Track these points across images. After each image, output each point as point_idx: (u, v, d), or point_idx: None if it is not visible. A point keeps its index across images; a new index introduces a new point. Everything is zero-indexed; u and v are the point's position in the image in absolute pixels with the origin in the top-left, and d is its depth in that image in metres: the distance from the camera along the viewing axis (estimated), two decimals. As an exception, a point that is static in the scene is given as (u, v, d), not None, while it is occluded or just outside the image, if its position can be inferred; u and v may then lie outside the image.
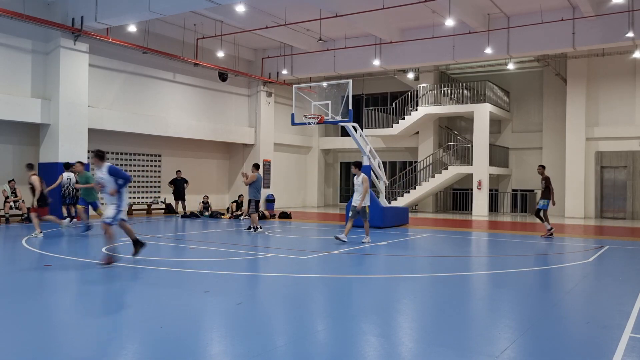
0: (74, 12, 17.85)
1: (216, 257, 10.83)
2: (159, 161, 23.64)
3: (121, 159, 22.05)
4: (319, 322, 6.16)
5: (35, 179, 13.50)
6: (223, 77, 24.62)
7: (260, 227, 15.99)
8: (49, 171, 17.93)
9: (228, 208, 22.11)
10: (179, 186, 21.47)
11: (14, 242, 12.44)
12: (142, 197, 22.84)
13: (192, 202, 21.91)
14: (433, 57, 22.79)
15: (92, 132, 19.17)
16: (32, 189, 13.50)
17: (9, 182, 16.90)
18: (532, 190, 26.35)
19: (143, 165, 22.98)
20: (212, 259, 10.63)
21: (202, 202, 21.88)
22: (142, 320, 6.03)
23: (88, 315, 6.41)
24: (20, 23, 17.08)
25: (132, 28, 19.53)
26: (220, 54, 23.14)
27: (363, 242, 12.99)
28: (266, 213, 21.17)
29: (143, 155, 22.94)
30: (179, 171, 21.83)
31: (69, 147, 18.17)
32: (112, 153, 21.62)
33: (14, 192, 16.82)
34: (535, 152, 26.76)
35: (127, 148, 22.15)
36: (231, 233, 15.64)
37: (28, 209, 15.45)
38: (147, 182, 23.12)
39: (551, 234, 15.33)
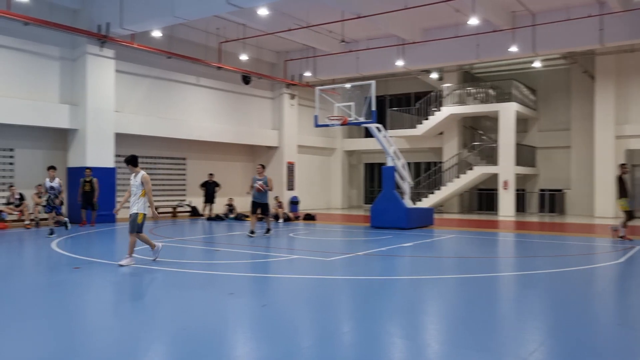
0: (100, 19, 18.14)
1: (241, 260, 10.87)
2: (184, 164, 23.85)
3: (147, 163, 22.28)
4: (344, 324, 6.12)
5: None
6: (246, 80, 24.76)
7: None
8: (78, 175, 18.26)
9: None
10: (210, 189, 21.60)
11: (43, 245, 12.65)
12: (168, 200, 23.06)
13: (217, 205, 22.04)
14: (456, 57, 22.59)
15: (118, 136, 19.44)
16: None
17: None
18: (560, 190, 25.91)
19: (168, 169, 23.21)
20: (237, 261, 10.68)
21: (227, 204, 22.00)
22: (167, 322, 6.07)
23: (115, 317, 6.48)
24: (48, 31, 17.43)
25: (156, 33, 19.76)
26: (243, 57, 23.27)
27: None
28: (290, 215, 21.19)
29: (168, 158, 23.18)
30: (212, 174, 21.96)
31: (96, 151, 18.46)
32: (139, 157, 21.81)
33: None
34: (563, 151, 26.31)
35: (152, 152, 22.41)
36: (256, 235, 15.69)
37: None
38: (172, 185, 23.34)
39: (622, 237, 14.21)
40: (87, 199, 17.53)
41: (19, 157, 18.11)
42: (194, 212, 23.07)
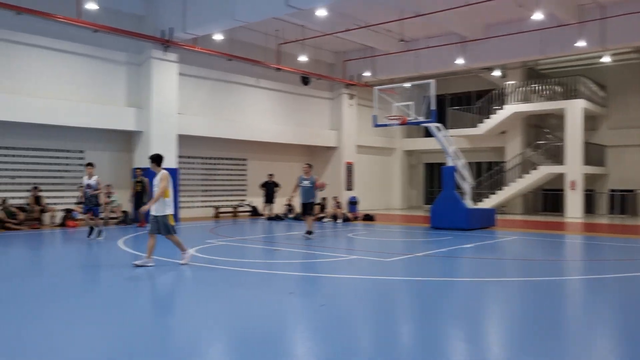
0: (164, 24, 18.68)
1: (300, 259, 10.92)
2: (245, 165, 24.24)
3: (209, 164, 22.81)
4: (404, 326, 6.03)
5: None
6: (305, 80, 24.91)
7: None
8: (143, 176, 18.88)
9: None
10: (270, 189, 21.87)
11: (110, 243, 13.13)
12: (229, 200, 23.50)
13: (276, 205, 22.27)
14: (520, 53, 21.90)
15: (181, 137, 19.96)
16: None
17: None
18: (632, 191, 24.68)
19: (229, 169, 23.65)
20: (296, 260, 10.74)
21: (286, 204, 22.18)
22: (227, 321, 6.16)
23: (175, 315, 6.64)
24: (116, 37, 18.10)
25: (217, 37, 20.17)
26: (302, 58, 23.43)
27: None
28: (349, 215, 21.16)
29: (229, 159, 23.62)
30: (271, 174, 22.23)
31: (160, 152, 18.94)
32: (200, 158, 22.42)
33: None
34: (636, 150, 25.05)
35: (214, 153, 22.90)
36: (315, 235, 15.74)
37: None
38: (233, 185, 23.77)
39: None
40: (138, 199, 17.68)
41: (89, 158, 18.84)
42: (254, 212, 23.41)
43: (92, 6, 16.34)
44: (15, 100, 16.17)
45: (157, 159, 9.86)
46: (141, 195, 17.61)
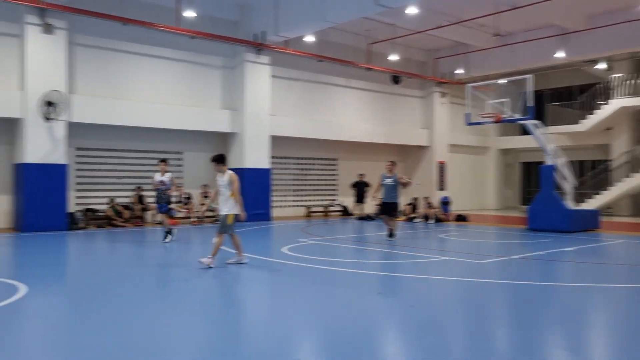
0: (257, 28, 19.19)
1: (389, 259, 10.81)
2: (335, 165, 24.38)
3: (300, 164, 23.16)
4: (498, 331, 5.80)
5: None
6: (396, 80, 24.66)
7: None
8: (239, 176, 19.49)
9: (403, 210, 22.06)
10: (360, 189, 21.89)
11: (207, 240, 13.64)
12: (320, 200, 23.75)
13: (367, 205, 22.21)
14: (628, 44, 20.45)
15: (273, 138, 20.41)
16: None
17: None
18: None
19: (320, 170, 23.90)
20: (386, 261, 10.64)
21: (377, 204, 22.06)
22: (316, 319, 6.20)
23: (264, 312, 6.76)
24: (211, 42, 18.83)
25: (308, 38, 20.44)
26: (393, 57, 23.21)
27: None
28: (441, 216, 20.70)
29: (320, 159, 23.87)
30: (362, 174, 22.24)
31: (253, 153, 19.57)
32: (292, 158, 22.81)
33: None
34: None
35: (305, 153, 23.22)
36: (405, 235, 15.55)
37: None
38: (324, 185, 23.99)
39: None
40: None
41: (187, 159, 19.80)
42: (345, 212, 23.49)
43: (190, 14, 17.09)
44: (121, 105, 17.24)
45: (221, 159, 9.67)
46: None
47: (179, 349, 5.00)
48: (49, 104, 15.18)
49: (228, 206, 9.41)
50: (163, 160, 13.23)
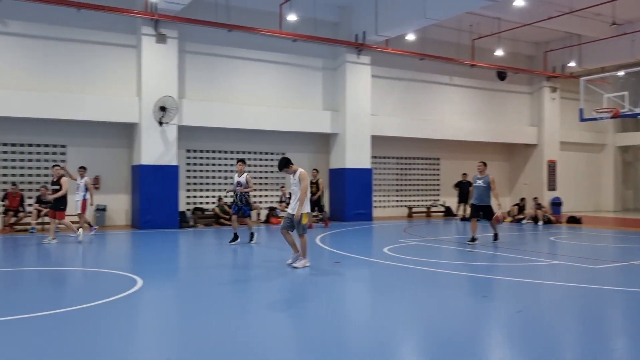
0: (357, 28, 19.23)
1: (496, 262, 10.39)
2: (438, 164, 23.89)
3: (401, 164, 22.92)
4: (614, 341, 5.37)
5: (64, 181, 12.87)
6: (502, 75, 23.72)
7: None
8: (339, 177, 19.70)
9: (509, 212, 21.19)
10: (464, 189, 21.23)
11: (309, 240, 13.84)
12: (422, 200, 23.37)
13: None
14: None
15: (374, 138, 20.35)
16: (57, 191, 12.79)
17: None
18: None
19: (422, 169, 23.51)
20: (492, 263, 10.23)
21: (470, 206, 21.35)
22: (417, 320, 6.07)
23: (365, 313, 6.72)
24: (313, 44, 19.13)
25: (409, 37, 20.17)
26: (498, 53, 22.34)
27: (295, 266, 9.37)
28: (552, 217, 19.62)
29: (422, 159, 23.48)
30: (465, 174, 21.63)
31: (355, 153, 19.61)
32: (393, 158, 22.63)
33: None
34: None
35: (406, 153, 22.95)
36: (512, 237, 14.90)
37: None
38: (426, 185, 23.58)
39: None
40: (314, 201, 16.82)
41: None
42: (448, 212, 22.94)
43: (291, 17, 17.47)
44: (226, 108, 17.96)
45: (287, 163, 9.43)
46: (318, 196, 16.97)
47: (281, 348, 5.08)
48: (162, 109, 16.12)
49: (298, 206, 9.18)
50: (241, 161, 12.71)
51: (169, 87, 16.49)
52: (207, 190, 18.76)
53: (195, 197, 18.51)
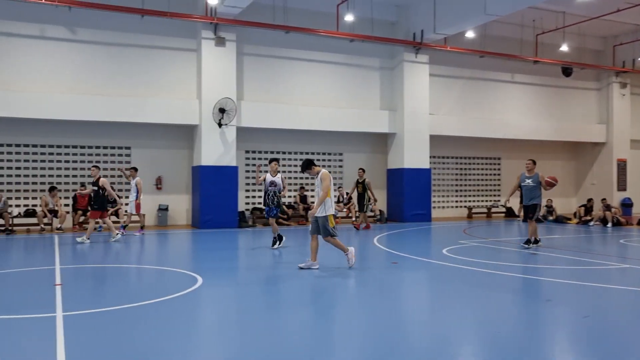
0: (415, 27, 18.98)
1: (560, 265, 9.99)
2: (499, 164, 23.27)
3: (461, 164, 22.47)
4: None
5: (103, 181, 13.05)
6: (567, 72, 22.86)
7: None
8: (396, 177, 19.51)
9: (575, 213, 20.39)
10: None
11: (366, 240, 13.79)
12: (482, 201, 22.83)
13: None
14: None
15: (432, 138, 20.04)
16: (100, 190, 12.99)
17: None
18: None
19: (482, 169, 22.97)
20: (556, 266, 9.85)
21: (546, 206, 20.66)
22: (478, 323, 5.91)
23: (423, 314, 6.60)
24: (370, 44, 19.01)
25: (469, 34, 19.74)
26: (563, 48, 21.54)
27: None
28: (622, 219, 18.73)
29: (482, 158, 22.94)
30: None
31: (413, 153, 19.37)
32: (452, 158, 22.21)
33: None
34: None
35: (466, 152, 22.47)
36: (579, 240, 14.32)
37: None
38: (486, 185, 23.02)
39: None
40: (361, 200, 16.58)
41: (347, 160, 20.19)
42: (509, 213, 22.30)
43: (349, 18, 17.43)
44: (284, 110, 18.11)
45: (309, 164, 9.27)
46: (363, 196, 16.48)
47: (340, 347, 5.06)
48: (222, 110, 16.43)
49: (324, 207, 8.98)
50: (275, 160, 12.04)
51: (228, 89, 16.79)
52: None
53: (254, 197, 18.76)
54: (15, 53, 15.50)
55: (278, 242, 11.88)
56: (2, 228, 15.09)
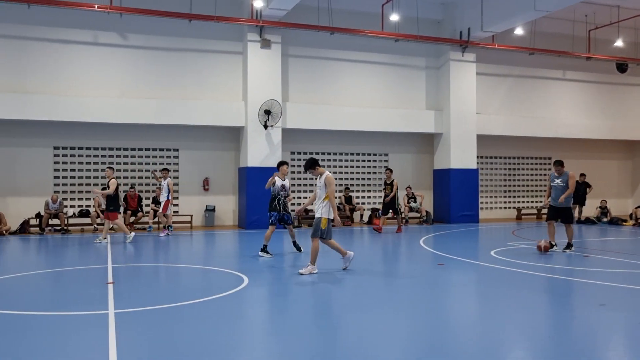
0: (461, 25, 18.70)
1: (616, 269, 9.63)
2: (549, 164, 22.64)
3: (509, 164, 21.99)
4: None
5: (112, 182, 13.22)
6: (622, 68, 22.05)
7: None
8: (442, 177, 19.25)
9: (631, 214, 19.63)
10: (579, 190, 19.91)
11: (413, 242, 13.65)
12: (532, 202, 22.28)
13: (588, 207, 20.20)
14: None
15: (480, 137, 19.69)
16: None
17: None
18: None
19: (532, 169, 22.40)
20: (611, 269, 9.50)
21: (600, 207, 19.98)
22: (529, 327, 5.75)
23: (476, 316, 6.48)
24: (415, 44, 18.84)
25: (518, 31, 19.29)
26: (618, 43, 20.79)
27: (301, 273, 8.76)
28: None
29: (532, 158, 22.38)
30: (583, 174, 20.31)
31: (460, 153, 19.06)
32: (500, 158, 21.76)
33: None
34: None
35: (515, 152, 21.97)
36: (634, 242, 13.77)
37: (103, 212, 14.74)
38: (536, 186, 22.44)
39: None
40: (388, 202, 15.81)
41: (392, 161, 20.04)
42: (561, 215, 21.66)
43: (394, 17, 17.31)
44: (329, 110, 18.14)
45: (314, 164, 9.01)
46: (392, 198, 15.69)
47: (386, 348, 5.02)
48: (267, 112, 16.58)
49: (322, 210, 8.81)
50: (283, 163, 11.36)
51: (273, 91, 16.93)
52: (311, 191, 19.04)
53: (299, 197, 18.85)
54: (71, 59, 16.08)
55: (296, 249, 11.54)
56: (58, 228, 15.68)
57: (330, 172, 18.91)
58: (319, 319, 6.01)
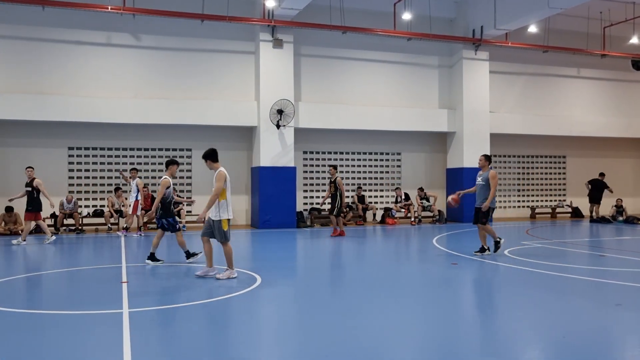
0: (474, 23, 18.58)
1: (632, 268, 9.53)
2: (564, 162, 22.46)
3: (523, 162, 21.82)
4: None
5: (39, 182, 12.93)
6: (638, 65, 21.79)
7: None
8: (457, 177, 19.14)
9: (647, 213, 19.40)
10: (595, 189, 19.64)
11: (425, 240, 13.60)
12: (546, 201, 22.09)
13: (603, 206, 19.98)
14: None
15: (493, 136, 19.56)
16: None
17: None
18: None
19: (546, 168, 22.21)
20: (627, 269, 9.40)
21: (615, 206, 19.78)
22: (545, 328, 5.71)
23: (489, 316, 6.44)
24: (428, 42, 18.76)
25: (531, 29, 19.13)
26: (634, 40, 20.55)
27: None
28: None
29: (546, 157, 22.19)
30: (602, 174, 20.08)
31: (473, 152, 18.92)
32: (514, 156, 21.60)
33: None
34: None
35: (529, 151, 21.80)
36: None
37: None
38: (551, 184, 22.25)
39: None
40: (333, 201, 14.72)
41: (405, 160, 19.98)
42: (576, 213, 21.48)
43: (406, 16, 17.25)
44: (341, 110, 18.11)
45: (212, 155, 8.36)
46: (335, 196, 14.61)
47: (398, 346, 5.00)
48: (280, 112, 16.60)
49: (217, 210, 8.14)
50: (174, 162, 10.89)
51: (286, 91, 16.94)
52: (324, 191, 19.03)
53: (312, 197, 18.86)
54: (85, 60, 16.20)
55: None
56: (73, 227, 15.82)
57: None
58: (334, 319, 6.00)
